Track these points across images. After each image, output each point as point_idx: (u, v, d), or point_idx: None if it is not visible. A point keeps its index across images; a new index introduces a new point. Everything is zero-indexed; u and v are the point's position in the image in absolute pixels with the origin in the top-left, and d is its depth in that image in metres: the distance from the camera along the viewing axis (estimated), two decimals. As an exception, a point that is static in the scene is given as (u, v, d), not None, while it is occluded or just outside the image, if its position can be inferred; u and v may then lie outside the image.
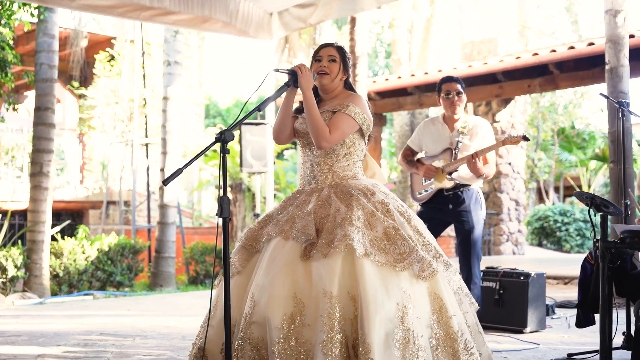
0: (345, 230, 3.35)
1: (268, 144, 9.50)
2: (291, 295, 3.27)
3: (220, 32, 9.13)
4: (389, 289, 3.28)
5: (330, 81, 3.75)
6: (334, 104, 3.72)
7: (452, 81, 5.41)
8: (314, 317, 3.21)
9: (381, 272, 3.32)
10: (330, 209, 3.52)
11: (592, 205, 4.08)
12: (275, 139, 3.84)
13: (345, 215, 3.44)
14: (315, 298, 3.23)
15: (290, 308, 3.24)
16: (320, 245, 3.36)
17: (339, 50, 3.79)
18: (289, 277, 3.32)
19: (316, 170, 3.72)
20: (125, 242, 10.82)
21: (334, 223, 3.43)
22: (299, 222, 3.48)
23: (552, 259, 15.36)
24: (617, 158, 8.01)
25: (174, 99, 11.16)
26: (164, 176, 11.06)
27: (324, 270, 3.28)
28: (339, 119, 3.64)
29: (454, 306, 3.49)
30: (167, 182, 3.13)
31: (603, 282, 4.00)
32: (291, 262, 3.36)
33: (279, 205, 3.78)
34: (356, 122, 3.67)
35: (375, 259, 3.33)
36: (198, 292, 10.15)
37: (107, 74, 15.67)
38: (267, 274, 3.35)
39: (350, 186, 3.64)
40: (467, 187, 5.33)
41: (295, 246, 3.41)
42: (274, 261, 3.39)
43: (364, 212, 3.49)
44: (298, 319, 3.22)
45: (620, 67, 7.93)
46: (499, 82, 11.15)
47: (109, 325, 6.50)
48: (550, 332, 5.96)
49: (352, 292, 3.24)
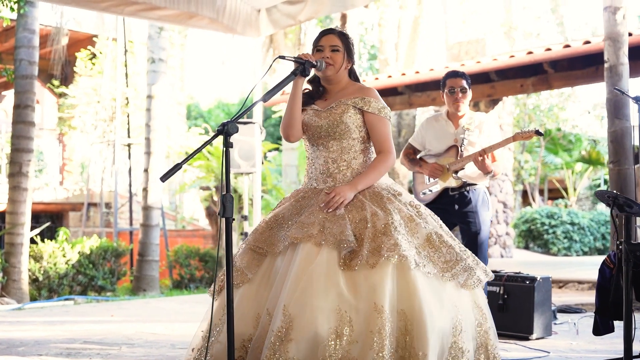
0: (393, 238, 3.06)
1: (256, 144, 9.18)
2: (334, 309, 2.95)
3: (206, 28, 8.87)
4: (442, 303, 3.04)
5: (335, 72, 3.47)
6: (347, 96, 3.43)
7: (457, 76, 5.14)
8: (363, 333, 2.90)
9: (432, 284, 3.06)
10: (364, 212, 3.21)
11: (614, 205, 3.83)
12: (285, 136, 3.51)
13: (386, 220, 3.14)
14: (365, 312, 2.93)
15: (334, 322, 2.92)
16: (365, 255, 3.04)
17: (342, 38, 3.50)
18: (331, 289, 2.99)
19: (332, 167, 3.41)
20: (107, 245, 10.48)
21: (375, 229, 3.12)
22: (330, 226, 3.14)
23: (540, 262, 15.19)
24: (616, 158, 7.83)
25: (158, 98, 10.85)
26: (147, 177, 10.74)
27: (373, 283, 2.97)
28: (379, 125, 3.42)
29: (490, 317, 3.30)
30: (165, 178, 2.84)
31: (627, 287, 3.76)
32: (330, 272, 3.03)
33: (290, 205, 3.44)
34: (387, 120, 3.46)
35: (426, 270, 3.06)
36: (183, 297, 9.83)
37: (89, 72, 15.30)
38: (303, 285, 2.99)
39: (374, 185, 3.36)
40: (474, 186, 5.07)
41: (332, 253, 3.07)
42: (309, 270, 3.03)
43: (401, 216, 3.21)
44: (345, 335, 2.90)
45: (619, 65, 7.74)
46: (492, 82, 10.94)
47: (93, 332, 6.17)
48: (557, 338, 5.72)
49: (402, 307, 2.97)
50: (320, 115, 3.45)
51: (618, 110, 7.76)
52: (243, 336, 3.15)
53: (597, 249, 18.57)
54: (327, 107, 3.45)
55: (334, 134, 3.41)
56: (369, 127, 3.42)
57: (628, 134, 7.82)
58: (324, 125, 3.42)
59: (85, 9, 8.75)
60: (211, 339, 3.22)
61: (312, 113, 3.48)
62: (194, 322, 6.77)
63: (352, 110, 3.39)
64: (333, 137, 3.42)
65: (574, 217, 18.38)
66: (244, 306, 3.18)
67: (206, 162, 11.66)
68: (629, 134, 7.83)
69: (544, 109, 20.83)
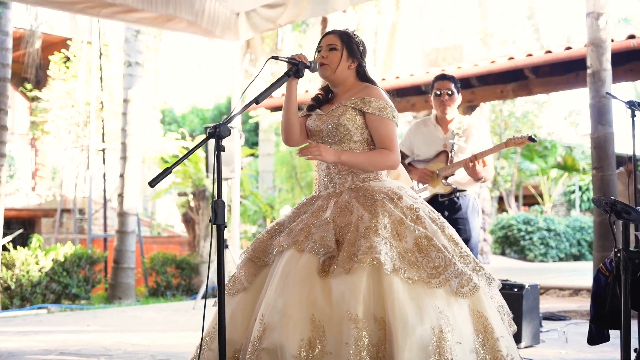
0: (370, 241, 2.90)
1: (235, 149, 9.04)
2: (308, 318, 2.81)
3: (185, 31, 8.72)
4: (423, 311, 2.82)
5: (332, 72, 3.32)
6: (349, 97, 3.29)
7: (445, 79, 5.06)
8: (336, 344, 2.75)
9: (413, 291, 2.86)
10: (351, 216, 3.07)
11: (612, 211, 3.74)
12: (286, 141, 3.37)
13: (370, 224, 2.99)
14: (338, 321, 2.77)
15: (308, 332, 2.78)
16: (341, 259, 2.90)
17: (342, 37, 3.35)
18: (306, 297, 2.85)
19: (334, 173, 3.28)
20: (82, 252, 10.23)
21: (357, 233, 2.97)
22: (315, 231, 3.02)
23: (517, 268, 15.19)
24: (599, 164, 7.79)
25: (134, 102, 10.64)
26: (123, 182, 10.53)
27: (346, 289, 2.82)
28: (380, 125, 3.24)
29: (501, 326, 3.04)
30: (154, 183, 2.69)
31: (626, 296, 3.67)
32: (307, 279, 2.90)
33: (291, 213, 3.32)
34: (391, 120, 3.26)
35: (405, 276, 2.88)
36: (160, 305, 9.62)
37: (62, 76, 15.01)
38: (280, 292, 2.88)
39: (373, 189, 3.20)
40: (464, 192, 4.99)
41: (311, 260, 2.94)
42: (287, 277, 2.92)
43: (390, 219, 3.04)
44: (318, 346, 2.76)
45: (602, 70, 7.71)
46: (472, 87, 10.89)
47: (69, 343, 5.96)
48: (545, 347, 5.63)
49: (379, 314, 2.79)
50: (322, 119, 3.32)
51: (601, 116, 7.73)
52: (235, 345, 3.04)
53: (572, 255, 18.65)
54: (329, 110, 3.33)
55: (335, 138, 3.28)
56: (370, 129, 3.27)
57: (611, 140, 7.80)
58: (324, 129, 3.30)
59: (60, 10, 8.56)
60: (203, 347, 3.11)
61: (315, 117, 3.36)
62: (172, 332, 6.64)
63: (351, 112, 3.25)
64: (334, 141, 3.29)
65: (550, 224, 18.44)
66: (238, 315, 3.05)
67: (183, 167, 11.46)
68: (612, 140, 7.81)
69: (519, 116, 20.92)
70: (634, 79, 10.80)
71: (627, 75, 9.64)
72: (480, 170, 4.78)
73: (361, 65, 3.40)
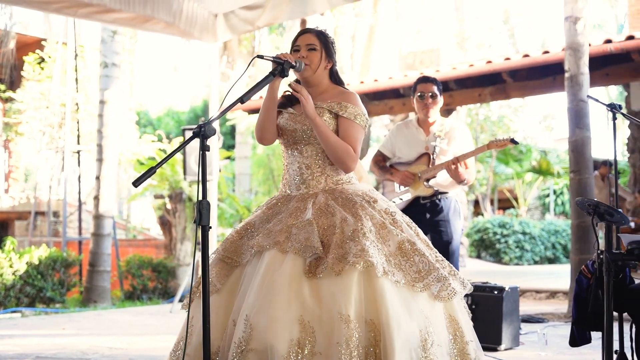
0: (360, 244, 2.89)
1: (213, 151, 8.98)
2: (297, 319, 2.78)
3: (162, 32, 8.63)
4: (411, 313, 2.86)
5: (312, 73, 3.31)
6: (325, 100, 3.28)
7: (428, 82, 5.04)
8: (326, 344, 2.74)
9: (401, 294, 2.89)
10: (333, 218, 3.05)
11: (595, 213, 3.75)
12: (259, 139, 3.35)
13: (356, 226, 2.98)
14: (328, 322, 2.76)
15: (297, 333, 2.76)
16: (330, 261, 2.88)
17: (319, 37, 3.34)
18: (294, 298, 2.83)
19: (306, 174, 3.25)
20: (56, 255, 10.09)
21: (343, 235, 2.96)
22: (297, 232, 2.99)
23: (492, 271, 15.26)
24: (577, 167, 7.84)
25: (111, 103, 10.52)
26: (99, 185, 10.41)
27: (337, 290, 2.81)
28: (350, 129, 3.23)
29: (470, 330, 3.09)
30: (138, 183, 2.64)
31: (609, 298, 3.68)
32: (295, 280, 2.87)
33: (261, 213, 3.28)
34: (362, 128, 3.27)
35: (394, 279, 2.89)
36: (136, 308, 9.52)
37: (37, 77, 14.82)
38: (265, 293, 2.85)
39: (348, 192, 3.19)
40: (445, 194, 4.98)
41: (297, 261, 2.92)
42: (272, 278, 2.88)
43: (373, 222, 3.05)
44: (308, 347, 2.74)
45: (580, 74, 7.77)
46: (450, 91, 10.92)
47: (45, 347, 5.87)
48: (525, 349, 5.65)
49: (369, 316, 2.79)
50: (296, 119, 3.29)
51: (579, 119, 7.79)
52: (212, 347, 2.98)
53: (547, 258, 18.78)
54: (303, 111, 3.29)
55: (309, 139, 3.26)
56: (340, 130, 3.25)
57: (588, 143, 7.86)
58: (298, 129, 3.27)
59: (36, 10, 8.45)
60: (178, 352, 3.08)
61: (287, 117, 3.32)
62: (149, 335, 6.58)
63: (327, 114, 3.24)
64: (307, 142, 3.27)
65: (525, 227, 18.56)
66: (213, 317, 3.00)
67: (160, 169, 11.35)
68: (589, 143, 7.87)
69: (495, 120, 21.07)
70: (610, 83, 10.90)
71: (603, 80, 9.72)
72: (463, 172, 4.77)
73: (334, 65, 3.41)
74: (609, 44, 8.96)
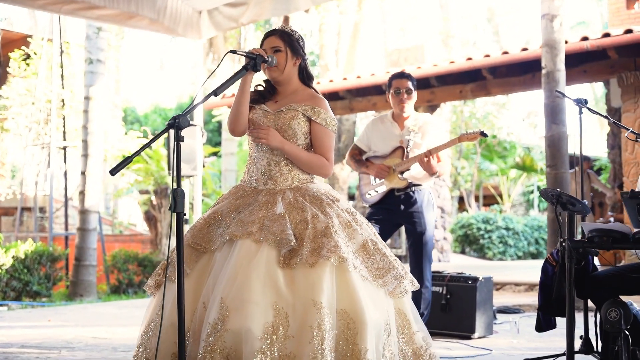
0: (333, 240, 3.11)
1: (197, 146, 9.08)
2: (271, 304, 2.97)
3: (147, 29, 8.71)
4: (376, 305, 3.10)
5: (280, 73, 3.48)
6: (298, 102, 3.45)
7: (403, 77, 5.18)
8: (299, 329, 2.93)
9: (367, 287, 3.12)
10: (304, 213, 3.24)
11: (557, 203, 3.92)
12: (231, 131, 3.51)
13: (327, 223, 3.18)
14: (302, 309, 2.95)
15: (271, 318, 2.95)
16: (305, 254, 3.07)
17: (283, 37, 3.49)
18: (268, 285, 3.01)
19: (274, 170, 3.41)
20: (42, 249, 10.20)
21: (315, 230, 3.16)
22: (270, 224, 3.17)
23: (476, 266, 15.44)
24: (553, 162, 8.02)
25: (96, 99, 10.61)
26: (84, 180, 10.50)
27: (311, 281, 3.01)
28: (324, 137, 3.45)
29: (418, 322, 3.38)
30: (115, 171, 2.78)
31: (570, 284, 3.84)
32: (270, 269, 3.05)
33: (228, 203, 3.43)
34: (333, 133, 3.48)
35: (361, 274, 3.12)
36: (122, 302, 9.64)
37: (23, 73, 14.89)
38: (241, 280, 3.01)
39: (313, 190, 3.39)
40: (419, 187, 5.12)
41: (271, 252, 3.10)
42: (248, 266, 3.05)
43: (339, 221, 3.26)
44: (281, 330, 2.93)
45: (556, 71, 7.94)
46: (432, 87, 11.08)
47: (30, 337, 5.99)
48: (498, 337, 5.81)
49: (342, 306, 3.01)
50: (269, 117, 3.44)
51: (555, 115, 7.96)
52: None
53: (530, 253, 19.00)
54: (277, 109, 3.45)
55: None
56: (313, 137, 3.44)
57: (564, 138, 8.03)
58: (271, 127, 3.41)
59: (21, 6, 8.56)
60: (149, 334, 3.22)
61: (261, 113, 3.46)
62: (134, 326, 6.68)
63: (301, 117, 3.41)
64: None
65: (509, 222, 18.77)
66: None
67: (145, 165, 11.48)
68: (565, 138, 8.04)
69: (480, 117, 21.25)
70: (588, 80, 11.07)
71: (581, 77, 9.89)
72: (435, 165, 4.92)
73: (304, 60, 3.56)
74: (586, 41, 9.14)
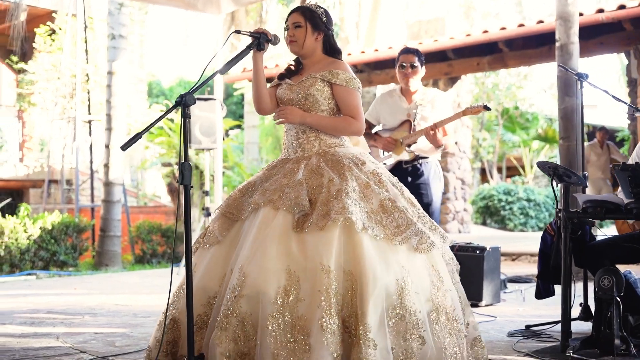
0: (342, 202, 3.27)
1: (217, 120, 9.29)
2: (284, 268, 3.17)
3: (167, 4, 8.92)
4: (388, 265, 3.23)
5: (300, 48, 3.67)
6: (318, 70, 3.63)
7: (409, 53, 5.33)
8: (310, 292, 3.12)
9: (379, 247, 3.25)
10: (322, 178, 3.42)
11: (554, 175, 4.06)
12: (257, 110, 3.77)
13: (341, 186, 3.35)
14: (312, 272, 3.14)
15: (284, 281, 3.15)
16: (315, 217, 3.26)
17: (304, 13, 3.66)
18: (282, 250, 3.21)
19: (302, 138, 3.62)
20: (69, 220, 10.51)
21: (329, 194, 3.34)
22: (289, 191, 3.37)
23: (496, 237, 15.54)
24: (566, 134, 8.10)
25: (118, 74, 10.83)
26: (108, 153, 10.76)
27: (320, 244, 3.19)
28: (348, 96, 3.60)
29: (449, 280, 3.47)
30: (126, 147, 2.99)
31: (565, 253, 4.00)
32: (284, 234, 3.26)
33: (262, 174, 3.66)
34: (356, 91, 3.62)
35: (374, 233, 3.26)
36: (145, 271, 9.95)
37: (48, 48, 15.16)
38: (257, 246, 3.23)
39: (339, 154, 3.56)
40: (426, 159, 5.29)
41: (287, 217, 3.30)
42: (265, 232, 3.27)
43: (358, 183, 3.42)
44: (293, 293, 3.13)
45: (570, 44, 7.97)
46: (449, 60, 11.16)
47: (56, 304, 6.28)
48: (505, 305, 5.99)
49: (349, 267, 3.17)
50: (292, 88, 3.65)
51: (568, 87, 8.01)
52: (209, 292, 3.40)
53: (552, 225, 19.01)
54: (299, 81, 3.65)
55: (304, 106, 3.61)
56: (337, 100, 3.61)
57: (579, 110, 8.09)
58: (294, 98, 3.62)
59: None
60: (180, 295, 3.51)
61: (285, 87, 3.69)
62: (156, 294, 6.96)
63: (320, 83, 3.58)
64: (304, 109, 3.61)
65: (530, 194, 18.81)
66: (213, 265, 3.40)
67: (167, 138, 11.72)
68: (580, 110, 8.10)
69: (503, 88, 21.20)
70: (605, 52, 11.05)
71: (597, 49, 9.92)
72: (441, 138, 5.08)
73: (327, 35, 3.71)
74: (601, 13, 9.15)
